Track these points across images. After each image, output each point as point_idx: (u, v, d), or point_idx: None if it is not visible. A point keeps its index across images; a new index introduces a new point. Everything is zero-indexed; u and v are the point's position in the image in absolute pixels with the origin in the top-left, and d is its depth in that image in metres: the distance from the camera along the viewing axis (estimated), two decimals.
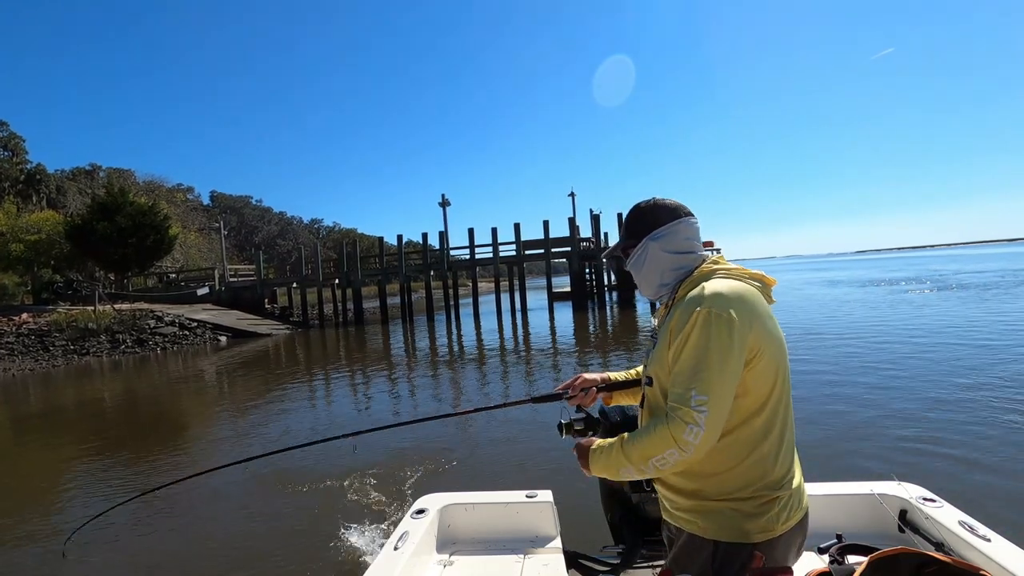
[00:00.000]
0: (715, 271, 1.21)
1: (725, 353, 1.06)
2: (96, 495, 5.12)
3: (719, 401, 1.06)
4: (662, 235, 1.27)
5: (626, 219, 1.37)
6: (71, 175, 48.57)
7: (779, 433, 1.17)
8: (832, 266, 68.67)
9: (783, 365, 1.17)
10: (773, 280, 1.24)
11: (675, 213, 1.29)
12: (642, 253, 1.31)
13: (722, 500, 1.16)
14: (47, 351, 17.19)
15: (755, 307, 1.13)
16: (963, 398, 6.01)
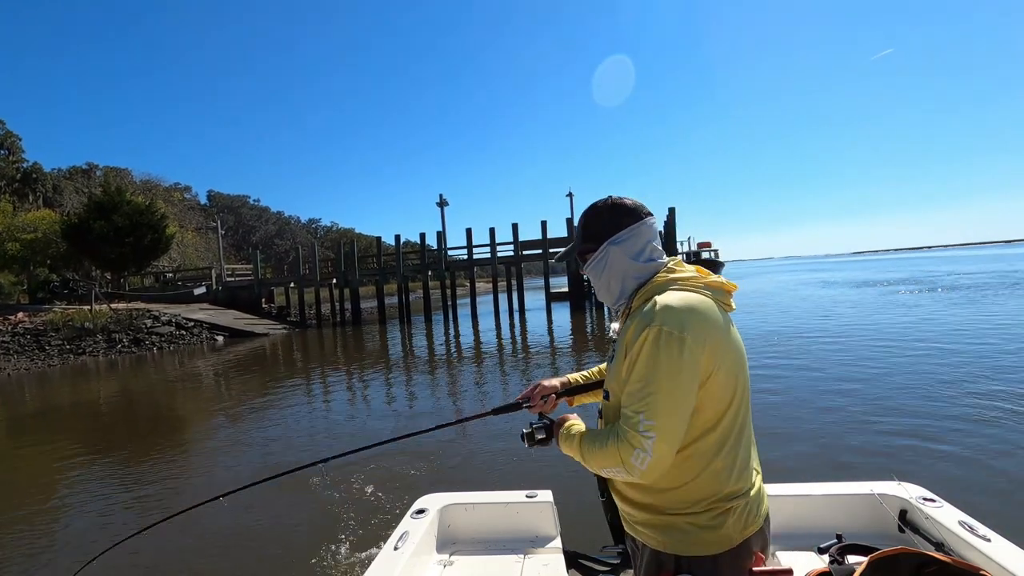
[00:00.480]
0: (671, 281, 1.14)
1: (675, 376, 1.02)
2: (90, 497, 5.10)
3: (668, 427, 1.02)
4: (623, 239, 1.19)
5: (583, 220, 1.25)
6: (68, 174, 48.41)
7: (735, 444, 1.13)
8: (829, 267, 68.84)
9: (742, 376, 1.15)
10: (733, 286, 1.20)
11: (636, 214, 1.20)
12: (602, 258, 1.21)
13: (677, 514, 1.13)
14: (43, 351, 17.12)
15: (710, 321, 1.07)
16: (941, 396, 6.03)
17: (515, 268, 26.11)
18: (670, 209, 24.30)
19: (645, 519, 1.18)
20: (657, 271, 1.18)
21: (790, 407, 6.20)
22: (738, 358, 1.14)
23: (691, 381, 1.03)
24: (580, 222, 1.26)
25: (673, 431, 1.03)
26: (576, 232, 1.28)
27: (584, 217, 1.25)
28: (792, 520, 1.75)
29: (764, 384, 7.36)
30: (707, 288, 1.14)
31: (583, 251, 1.25)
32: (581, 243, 1.25)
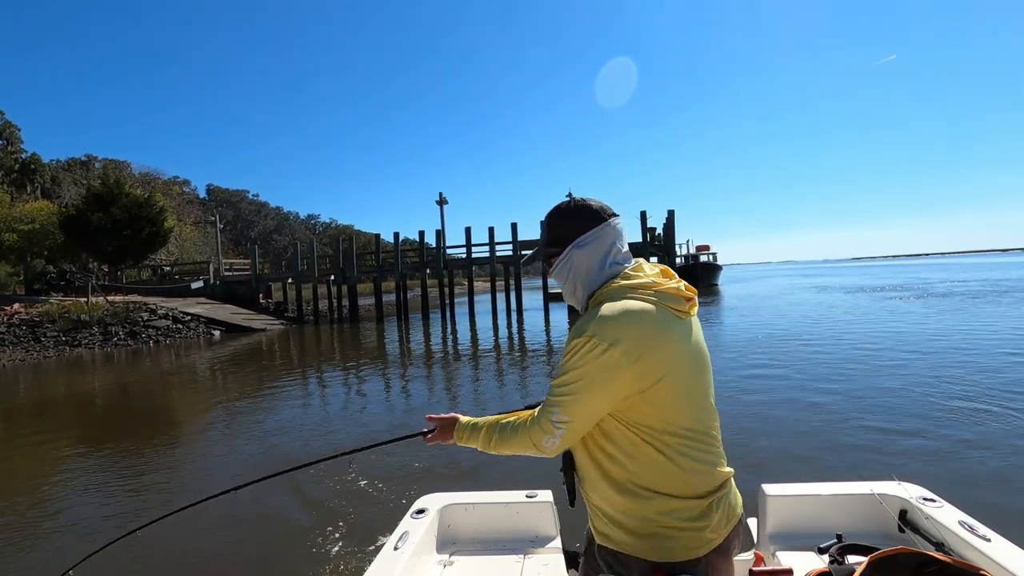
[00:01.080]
0: (622, 288, 1.13)
1: (597, 384, 1.06)
2: (84, 490, 5.09)
3: (579, 425, 1.11)
4: (587, 242, 1.18)
5: (548, 222, 1.25)
6: (66, 165, 48.24)
7: (695, 448, 1.12)
8: (826, 272, 69.03)
9: (699, 380, 1.15)
10: (692, 291, 1.19)
11: (600, 216, 1.19)
12: (567, 262, 1.21)
13: (644, 521, 1.13)
14: (38, 342, 17.06)
15: (650, 331, 1.07)
16: (927, 396, 6.06)
17: (513, 268, 26.11)
18: (669, 211, 24.33)
19: (613, 529, 1.17)
20: (614, 276, 1.17)
21: (773, 408, 6.22)
22: (693, 363, 1.13)
23: (611, 391, 1.07)
24: (544, 224, 1.25)
25: (582, 428, 1.13)
26: (541, 234, 1.29)
27: (548, 219, 1.25)
28: (792, 520, 1.75)
29: (751, 385, 7.38)
30: (660, 295, 1.12)
31: (548, 254, 1.25)
32: (546, 245, 1.25)
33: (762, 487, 1.84)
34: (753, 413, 6.16)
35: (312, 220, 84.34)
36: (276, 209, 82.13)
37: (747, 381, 7.85)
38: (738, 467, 1.26)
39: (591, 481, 1.20)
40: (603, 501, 1.18)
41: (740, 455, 4.81)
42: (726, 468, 1.19)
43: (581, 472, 1.23)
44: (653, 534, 1.12)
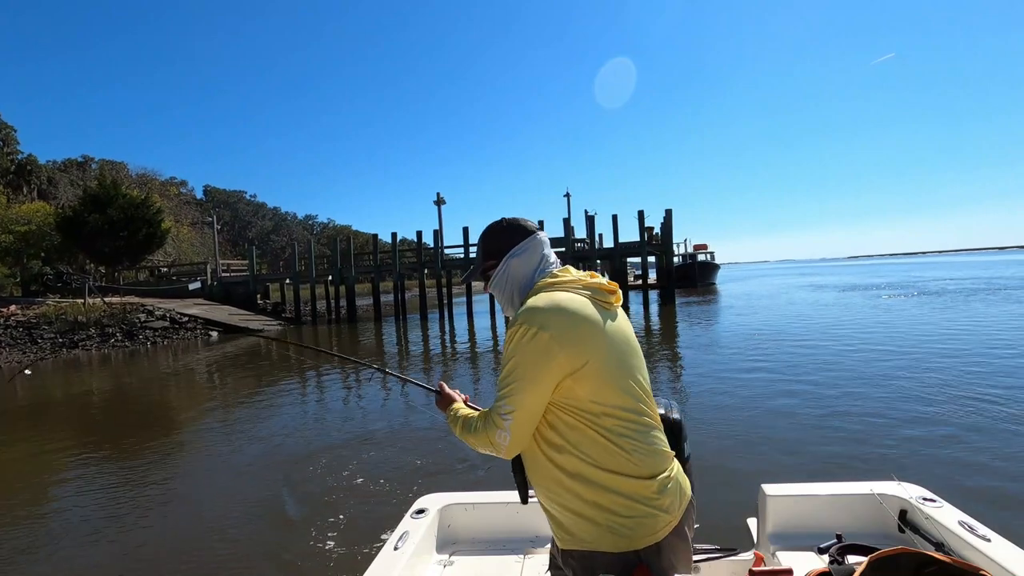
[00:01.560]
0: (548, 284, 1.24)
1: (532, 368, 1.13)
2: (82, 489, 5.07)
3: (524, 412, 1.15)
4: (520, 252, 1.31)
5: (483, 239, 1.37)
6: (63, 166, 48.08)
7: (634, 430, 1.17)
8: (822, 271, 69.24)
9: (626, 363, 1.21)
10: (614, 285, 1.28)
11: (529, 230, 1.33)
12: (503, 271, 1.32)
13: (601, 508, 1.15)
14: (35, 343, 17.01)
15: (577, 317, 1.16)
16: (898, 394, 6.07)
17: None
18: (667, 211, 24.33)
19: (566, 518, 1.20)
20: (543, 278, 1.28)
21: (769, 407, 6.23)
22: (621, 348, 1.21)
23: (548, 375, 1.13)
24: (480, 243, 1.37)
25: (528, 418, 1.16)
26: (478, 253, 1.38)
27: (483, 237, 1.36)
28: (792, 520, 1.75)
29: (745, 384, 7.38)
30: (585, 288, 1.23)
31: (487, 268, 1.35)
32: (483, 260, 1.36)
33: (762, 487, 1.83)
34: (749, 412, 6.17)
35: (310, 220, 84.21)
36: (273, 210, 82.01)
37: (741, 380, 7.86)
38: (738, 466, 1.26)
39: (543, 476, 1.22)
40: (559, 496, 1.20)
41: (740, 455, 4.82)
42: (669, 451, 1.25)
43: (533, 471, 1.25)
44: (613, 519, 1.14)
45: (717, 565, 1.74)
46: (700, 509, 2.00)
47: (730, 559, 1.72)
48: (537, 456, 1.22)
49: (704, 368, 9.30)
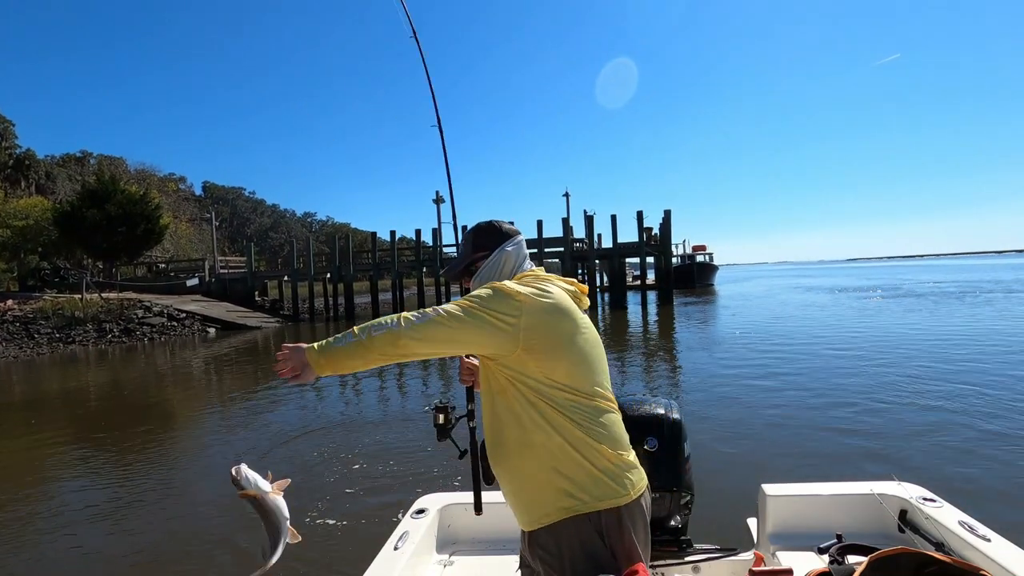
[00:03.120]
0: (532, 276, 1.32)
1: (488, 310, 1.17)
2: (77, 485, 5.06)
3: (445, 332, 1.18)
4: (512, 245, 1.38)
5: (472, 235, 1.42)
6: (61, 161, 47.95)
7: (591, 410, 1.22)
8: (818, 273, 69.45)
9: (595, 354, 1.27)
10: (584, 288, 1.36)
11: (514, 230, 1.42)
12: (496, 260, 1.36)
13: (552, 474, 1.21)
14: (32, 339, 16.96)
15: (554, 302, 1.23)
16: (890, 394, 6.10)
17: None
18: (666, 212, 24.38)
19: (543, 494, 1.23)
20: (522, 274, 1.36)
21: (762, 406, 6.24)
22: (589, 340, 1.27)
23: (498, 326, 1.17)
24: (468, 239, 1.42)
25: (445, 338, 1.19)
26: (465, 247, 1.43)
27: (472, 233, 1.42)
28: (792, 520, 1.75)
29: (738, 382, 7.40)
30: (563, 282, 1.33)
31: (476, 259, 1.39)
32: (472, 252, 1.40)
33: (762, 487, 1.84)
34: (749, 412, 6.18)
35: (308, 218, 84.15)
36: (272, 207, 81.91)
37: (740, 381, 7.87)
38: (738, 466, 1.26)
39: (505, 453, 1.26)
40: (520, 469, 1.24)
41: (740, 455, 4.83)
42: (627, 438, 1.29)
43: (495, 447, 1.29)
44: (572, 485, 1.18)
45: (717, 565, 1.74)
46: (700, 509, 2.01)
47: (730, 559, 1.73)
48: (500, 431, 1.26)
49: (703, 368, 9.31)
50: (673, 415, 1.93)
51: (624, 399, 2.03)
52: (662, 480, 1.82)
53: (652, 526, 1.84)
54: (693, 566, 1.73)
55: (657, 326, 17.62)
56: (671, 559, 1.75)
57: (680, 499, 1.83)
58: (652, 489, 1.87)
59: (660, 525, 1.84)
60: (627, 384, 8.59)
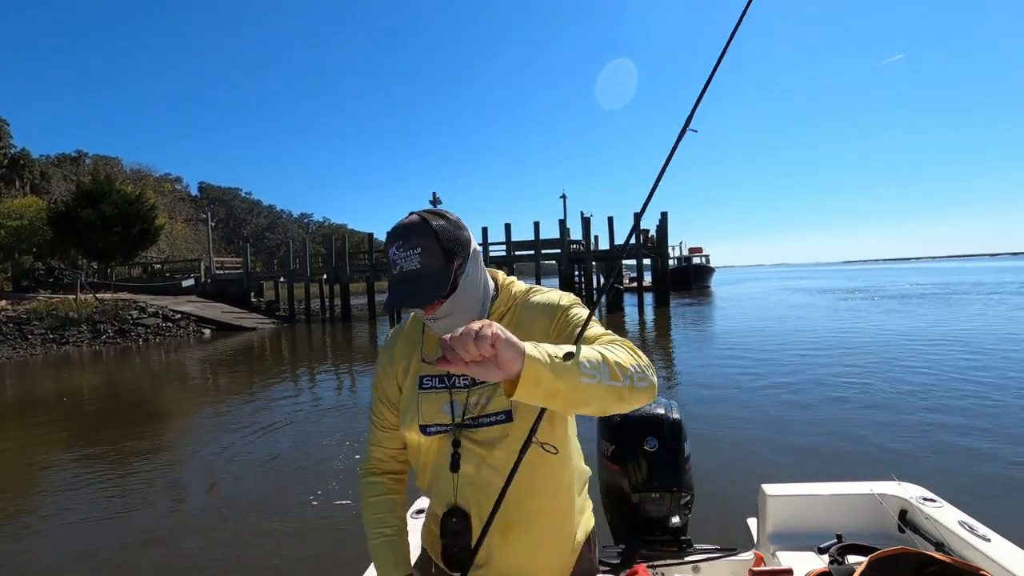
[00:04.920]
0: (527, 287, 1.11)
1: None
2: (69, 487, 5.02)
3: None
4: (470, 233, 1.04)
5: (438, 235, 0.96)
6: (56, 161, 47.77)
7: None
8: (811, 275, 69.92)
9: None
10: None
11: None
12: (476, 267, 1.02)
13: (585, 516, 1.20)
14: (25, 339, 16.86)
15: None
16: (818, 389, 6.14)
17: (506, 268, 26.11)
18: (662, 213, 24.43)
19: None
20: (493, 276, 1.11)
21: (752, 405, 6.26)
22: None
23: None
24: (435, 242, 0.95)
25: None
26: (430, 260, 0.95)
27: (436, 233, 0.96)
28: (792, 520, 1.75)
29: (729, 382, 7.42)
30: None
31: (456, 272, 0.98)
32: (446, 265, 0.96)
33: (762, 487, 1.84)
34: (749, 412, 6.19)
35: (305, 219, 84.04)
36: (269, 208, 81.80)
37: (739, 381, 7.89)
38: (738, 466, 1.26)
39: (555, 491, 1.07)
40: (570, 516, 1.10)
41: (739, 455, 4.84)
42: None
43: (541, 501, 1.05)
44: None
45: (717, 565, 1.74)
46: (700, 509, 2.01)
47: (730, 559, 1.73)
48: (551, 476, 1.05)
49: (701, 368, 9.33)
50: (673, 415, 1.93)
51: None
52: (662, 480, 1.82)
53: (652, 526, 1.85)
54: (693, 566, 1.73)
55: (654, 327, 17.65)
56: (671, 559, 1.75)
57: (680, 499, 1.83)
58: (652, 489, 1.88)
59: (660, 525, 1.84)
60: None
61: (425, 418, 1.05)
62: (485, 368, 0.75)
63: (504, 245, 24.88)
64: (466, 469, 1.03)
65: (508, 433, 1.01)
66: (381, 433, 1.17)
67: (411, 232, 0.96)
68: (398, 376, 1.14)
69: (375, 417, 1.17)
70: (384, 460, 1.19)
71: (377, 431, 1.18)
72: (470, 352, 0.73)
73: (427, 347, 1.12)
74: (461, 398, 1.04)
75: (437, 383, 1.07)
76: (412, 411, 1.07)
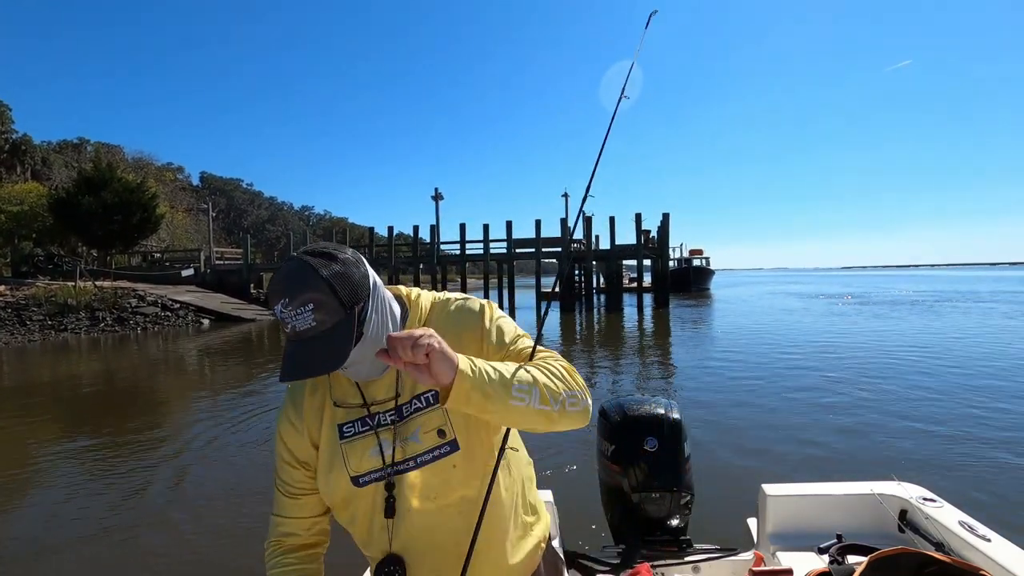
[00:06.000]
0: (420, 293, 1.04)
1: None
2: (65, 474, 5.02)
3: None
4: (367, 265, 0.91)
5: (335, 287, 0.82)
6: (58, 147, 47.60)
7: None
8: (808, 280, 70.09)
9: None
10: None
11: (347, 250, 0.89)
12: (377, 301, 0.89)
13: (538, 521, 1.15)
14: (23, 325, 16.83)
15: None
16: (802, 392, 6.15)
17: (507, 265, 26.11)
18: (664, 215, 24.44)
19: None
20: (396, 296, 1.01)
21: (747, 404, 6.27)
22: None
23: None
24: (328, 292, 0.81)
25: None
26: (330, 308, 0.81)
27: (328, 283, 0.81)
28: (792, 520, 1.76)
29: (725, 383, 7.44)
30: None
31: (360, 315, 0.86)
32: (346, 311, 0.83)
33: (762, 487, 1.84)
34: (748, 413, 6.20)
35: (306, 211, 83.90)
36: (270, 199, 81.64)
37: (739, 381, 7.90)
38: (738, 466, 1.26)
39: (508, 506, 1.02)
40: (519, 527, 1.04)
41: (739, 455, 4.85)
42: None
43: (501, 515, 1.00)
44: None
45: (717, 565, 1.74)
46: (700, 509, 2.02)
47: (730, 559, 1.73)
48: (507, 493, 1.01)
49: (701, 369, 9.34)
50: (673, 415, 1.94)
51: (624, 399, 2.04)
52: (662, 480, 1.83)
53: (652, 526, 1.86)
54: (693, 566, 1.74)
55: (653, 328, 17.66)
56: (671, 559, 1.75)
57: (680, 499, 1.83)
58: (652, 489, 1.88)
59: (660, 525, 1.85)
60: (625, 385, 8.60)
61: (354, 468, 0.95)
62: (419, 372, 0.78)
63: (505, 243, 24.86)
64: (403, 512, 0.94)
65: (456, 465, 0.94)
66: (291, 501, 1.02)
67: (297, 286, 0.80)
68: (310, 432, 0.99)
69: (283, 485, 1.02)
70: (297, 534, 1.04)
71: (286, 500, 1.03)
72: (406, 355, 0.76)
73: (336, 391, 0.98)
74: (388, 436, 0.95)
75: (360, 426, 0.96)
76: (338, 464, 0.95)
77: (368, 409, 0.96)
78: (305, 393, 1.01)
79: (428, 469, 0.94)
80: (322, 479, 0.99)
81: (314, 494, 1.02)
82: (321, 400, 1.00)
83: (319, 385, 1.01)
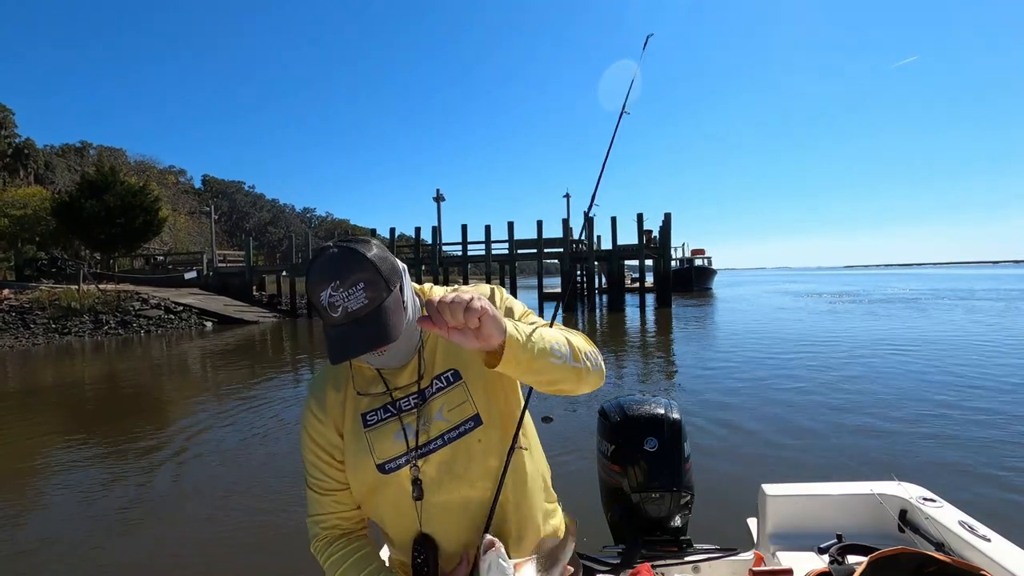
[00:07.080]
0: (432, 287, 1.09)
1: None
2: (69, 477, 5.04)
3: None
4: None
5: (379, 266, 0.86)
6: (60, 151, 47.78)
7: None
8: (808, 279, 70.00)
9: None
10: None
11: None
12: (409, 287, 0.95)
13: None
14: (27, 328, 16.90)
15: None
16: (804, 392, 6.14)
17: (509, 266, 26.12)
18: (666, 215, 24.41)
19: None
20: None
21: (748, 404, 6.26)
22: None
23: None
24: (373, 271, 0.85)
25: None
26: (378, 285, 0.85)
27: (373, 263, 0.85)
28: (792, 520, 1.76)
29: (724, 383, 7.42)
30: None
31: (400, 291, 0.90)
32: (389, 291, 0.87)
33: (762, 487, 1.84)
34: (748, 413, 6.19)
35: (308, 214, 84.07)
36: (272, 202, 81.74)
37: (739, 381, 7.89)
38: (738, 466, 1.26)
39: (532, 492, 1.07)
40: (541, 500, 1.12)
41: (739, 455, 4.84)
42: None
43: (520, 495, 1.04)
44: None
45: (717, 565, 1.74)
46: (700, 509, 2.01)
47: (730, 559, 1.73)
48: (523, 470, 1.05)
49: (701, 369, 9.32)
50: (673, 415, 1.94)
51: (624, 399, 2.04)
52: (662, 480, 1.83)
53: (652, 526, 1.86)
54: (693, 566, 1.74)
55: (655, 328, 17.64)
56: (671, 559, 1.75)
57: (680, 499, 1.83)
58: (652, 489, 1.88)
59: (660, 525, 1.84)
60: (625, 385, 8.59)
61: (381, 455, 0.96)
62: (464, 336, 0.79)
63: (507, 243, 24.86)
64: (431, 492, 0.96)
65: (481, 439, 0.97)
66: (327, 498, 1.03)
67: (346, 269, 0.84)
68: (336, 423, 1.02)
69: (316, 481, 1.03)
70: (339, 525, 1.04)
71: (321, 498, 1.03)
72: (456, 319, 0.77)
73: (359, 381, 1.01)
74: (411, 420, 0.97)
75: (383, 413, 0.98)
76: (363, 454, 0.97)
77: (392, 395, 0.99)
78: (328, 389, 1.03)
79: (453, 447, 0.97)
80: (350, 469, 1.01)
81: (348, 488, 1.03)
82: (344, 394, 1.02)
83: (341, 380, 1.03)
